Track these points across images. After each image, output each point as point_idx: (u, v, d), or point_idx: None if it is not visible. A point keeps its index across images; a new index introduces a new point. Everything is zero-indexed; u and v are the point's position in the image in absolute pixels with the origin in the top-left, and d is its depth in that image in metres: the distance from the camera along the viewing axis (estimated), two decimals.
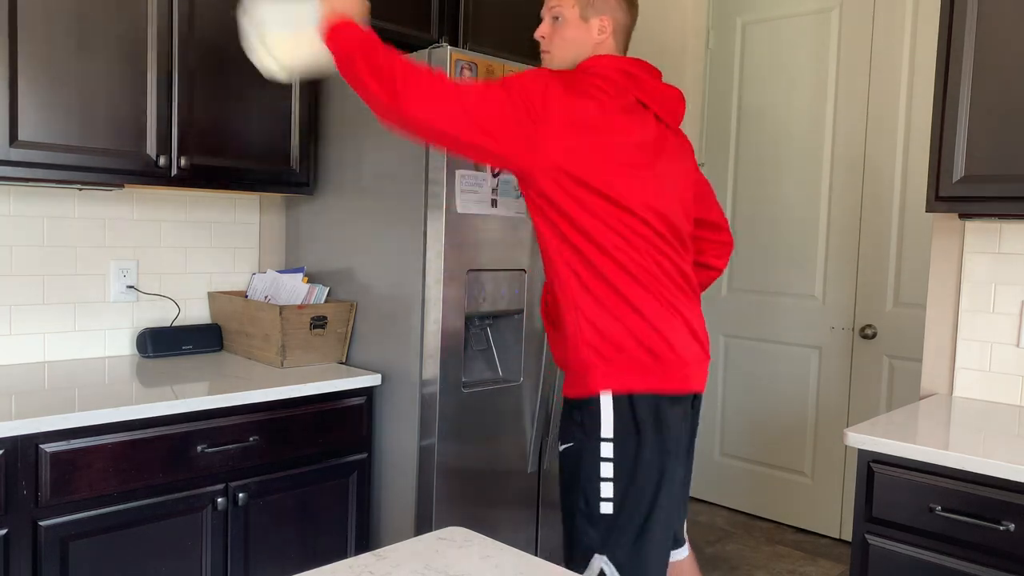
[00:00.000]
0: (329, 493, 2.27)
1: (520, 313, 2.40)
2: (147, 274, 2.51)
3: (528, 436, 2.44)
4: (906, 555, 1.81)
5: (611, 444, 1.67)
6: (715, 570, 3.20)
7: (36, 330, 2.31)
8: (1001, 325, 2.25)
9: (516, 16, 2.95)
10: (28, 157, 1.94)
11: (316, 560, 2.25)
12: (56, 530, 1.79)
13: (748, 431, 3.84)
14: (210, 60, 2.23)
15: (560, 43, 1.83)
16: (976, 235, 2.28)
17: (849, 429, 1.89)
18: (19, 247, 2.27)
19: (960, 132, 1.99)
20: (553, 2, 1.84)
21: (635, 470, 1.67)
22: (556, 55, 1.84)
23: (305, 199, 2.65)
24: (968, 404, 2.23)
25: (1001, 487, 1.68)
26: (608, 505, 1.68)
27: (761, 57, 3.72)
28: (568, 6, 1.81)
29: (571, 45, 1.82)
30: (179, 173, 2.20)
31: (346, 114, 2.46)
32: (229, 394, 2.03)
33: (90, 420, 1.81)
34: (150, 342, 2.42)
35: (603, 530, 1.69)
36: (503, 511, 2.40)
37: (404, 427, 2.30)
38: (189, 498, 1.99)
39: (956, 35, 1.99)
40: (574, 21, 1.81)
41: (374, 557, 1.16)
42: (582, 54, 1.82)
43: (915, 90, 3.30)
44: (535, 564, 1.16)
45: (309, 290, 2.49)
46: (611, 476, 1.67)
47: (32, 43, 1.93)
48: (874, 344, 3.43)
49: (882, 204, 3.40)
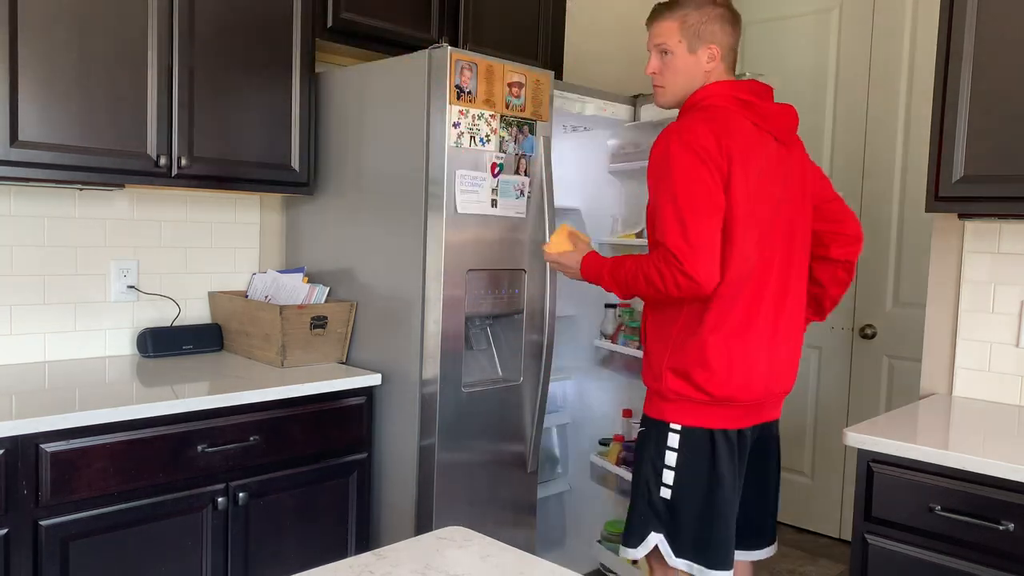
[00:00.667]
0: (329, 493, 2.28)
1: (520, 313, 2.40)
2: (147, 274, 2.52)
3: (528, 436, 2.44)
4: (906, 555, 1.81)
5: (678, 436, 1.87)
6: None
7: (36, 330, 2.32)
8: (1001, 325, 2.25)
9: (516, 16, 2.95)
10: (28, 157, 1.94)
11: (316, 560, 2.25)
12: (56, 530, 1.79)
13: None
14: (210, 60, 2.23)
15: (672, 77, 1.90)
16: (976, 235, 2.28)
17: (849, 429, 1.90)
18: (19, 247, 2.27)
19: (960, 132, 1.99)
20: (658, 38, 1.89)
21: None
22: (669, 89, 1.92)
23: (305, 199, 2.65)
24: (968, 404, 2.23)
25: (1001, 487, 1.68)
26: (667, 491, 1.87)
27: (761, 57, 3.72)
28: (675, 40, 1.87)
29: (682, 78, 1.89)
30: (179, 173, 2.20)
31: (346, 114, 2.47)
32: (229, 394, 2.03)
33: (90, 420, 1.81)
34: (150, 342, 2.42)
35: (663, 512, 1.88)
36: (503, 511, 2.40)
37: (404, 427, 2.31)
38: (189, 498, 1.99)
39: (956, 35, 1.99)
40: (682, 54, 1.87)
41: (374, 557, 1.17)
42: (694, 85, 1.89)
43: (915, 90, 3.30)
44: (535, 564, 1.16)
45: (309, 290, 2.49)
46: (673, 466, 1.87)
47: (32, 43, 1.93)
48: (874, 344, 3.43)
49: (882, 204, 3.40)
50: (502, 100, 2.26)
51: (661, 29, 1.89)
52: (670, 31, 1.87)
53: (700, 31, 1.85)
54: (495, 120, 2.25)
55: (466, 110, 2.18)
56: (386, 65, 2.34)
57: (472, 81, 2.18)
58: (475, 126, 2.20)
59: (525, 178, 2.33)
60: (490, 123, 2.24)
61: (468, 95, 2.18)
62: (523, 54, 2.95)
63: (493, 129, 2.25)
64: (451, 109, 2.15)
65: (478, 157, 2.22)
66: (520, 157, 2.31)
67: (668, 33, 1.87)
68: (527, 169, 2.34)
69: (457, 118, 2.16)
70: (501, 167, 2.28)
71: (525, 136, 2.32)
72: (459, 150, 2.18)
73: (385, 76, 2.33)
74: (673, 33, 1.87)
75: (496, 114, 2.25)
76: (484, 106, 2.22)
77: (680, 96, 1.91)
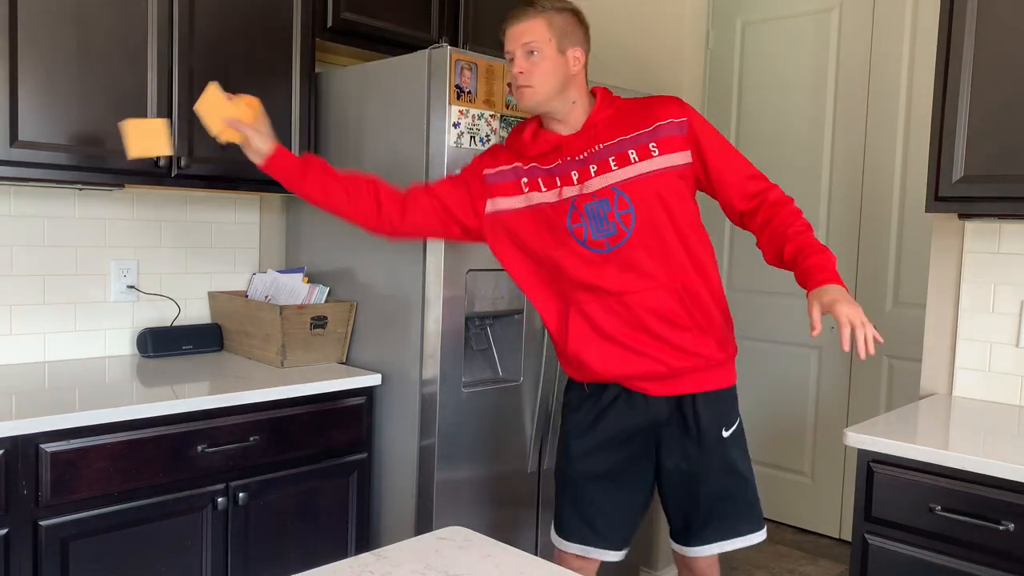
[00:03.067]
0: (329, 493, 2.28)
1: (520, 313, 2.40)
2: (147, 274, 2.52)
3: (528, 436, 2.44)
4: (906, 555, 1.81)
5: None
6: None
7: (36, 330, 2.32)
8: (1001, 325, 2.25)
9: None
10: (28, 157, 1.94)
11: (316, 560, 2.25)
12: (56, 530, 1.79)
13: (748, 431, 3.83)
14: (210, 60, 2.24)
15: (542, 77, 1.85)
16: (976, 235, 2.28)
17: (849, 429, 1.89)
18: (19, 247, 2.27)
19: (960, 132, 1.99)
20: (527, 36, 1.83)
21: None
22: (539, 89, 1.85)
23: None
24: (968, 404, 2.23)
25: (1001, 487, 1.68)
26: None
27: (761, 57, 3.72)
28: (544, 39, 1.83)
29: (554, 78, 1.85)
30: (179, 173, 2.20)
31: (346, 114, 2.47)
32: (229, 394, 2.03)
33: (90, 420, 1.81)
34: (150, 342, 2.42)
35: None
36: (503, 511, 2.40)
37: (404, 427, 2.31)
38: (189, 498, 1.99)
39: (956, 35, 1.99)
40: (552, 55, 1.83)
41: (374, 557, 1.17)
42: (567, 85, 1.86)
43: (915, 90, 3.30)
44: (535, 564, 1.16)
45: (309, 290, 2.49)
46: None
47: (32, 43, 1.93)
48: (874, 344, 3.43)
49: (882, 204, 3.41)
50: (502, 100, 2.26)
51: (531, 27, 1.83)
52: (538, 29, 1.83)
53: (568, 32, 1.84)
54: (495, 120, 2.25)
55: (466, 110, 2.18)
56: (386, 65, 2.34)
57: (472, 81, 2.18)
58: (475, 126, 2.20)
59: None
60: (490, 123, 2.24)
61: (468, 95, 2.18)
62: None
63: (493, 129, 2.25)
64: (451, 109, 2.15)
65: None
66: None
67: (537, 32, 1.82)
68: None
69: (457, 118, 2.16)
70: None
71: None
72: (459, 150, 2.18)
73: (385, 76, 2.33)
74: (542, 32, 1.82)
75: (496, 114, 2.25)
76: (484, 106, 2.22)
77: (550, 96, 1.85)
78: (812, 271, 1.67)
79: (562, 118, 1.86)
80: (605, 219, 1.80)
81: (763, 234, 1.82)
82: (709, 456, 1.88)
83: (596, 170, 1.81)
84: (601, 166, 1.81)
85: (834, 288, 1.63)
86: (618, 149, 1.81)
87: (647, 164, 1.80)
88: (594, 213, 1.80)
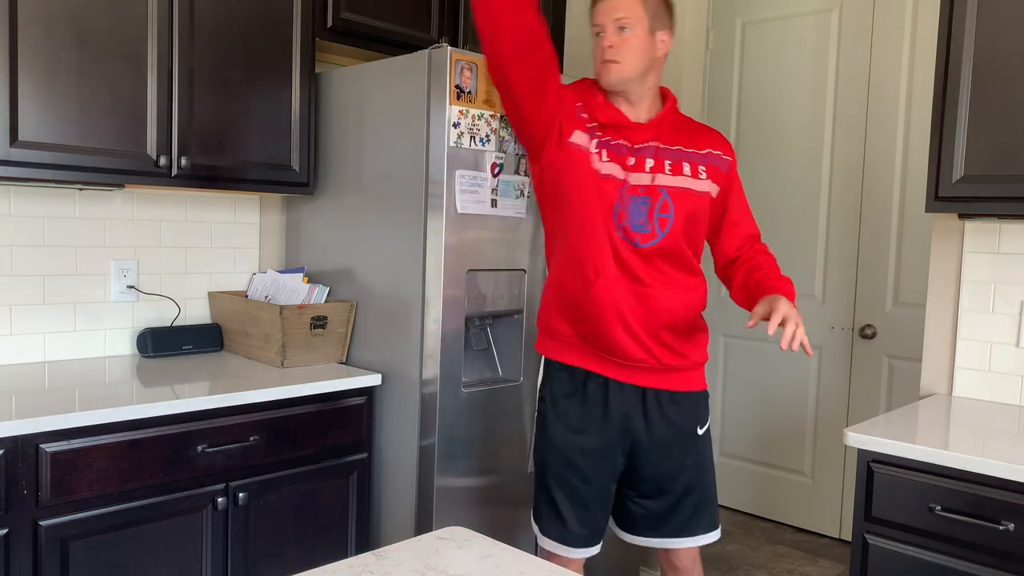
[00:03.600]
0: (329, 493, 2.28)
1: (520, 313, 2.40)
2: (147, 274, 2.52)
3: (528, 436, 2.44)
4: (906, 555, 1.81)
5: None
6: (715, 570, 3.20)
7: (36, 330, 2.32)
8: (1001, 325, 2.25)
9: None
10: (28, 157, 1.94)
11: (316, 560, 2.26)
12: (56, 530, 1.79)
13: (748, 431, 3.84)
14: (210, 60, 2.24)
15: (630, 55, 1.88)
16: (976, 235, 2.28)
17: (849, 429, 1.90)
18: (19, 247, 2.27)
19: (960, 132, 1.99)
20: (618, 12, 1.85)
21: None
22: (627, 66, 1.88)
23: (305, 199, 2.65)
24: (968, 404, 2.23)
25: (1001, 487, 1.68)
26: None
27: (761, 57, 3.72)
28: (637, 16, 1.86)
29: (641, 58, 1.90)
30: (179, 173, 2.20)
31: (346, 114, 2.47)
32: (229, 394, 2.03)
33: (90, 420, 1.81)
34: (150, 342, 2.42)
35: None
36: (503, 511, 2.40)
37: (404, 427, 2.31)
38: (189, 498, 1.99)
39: (956, 35, 1.99)
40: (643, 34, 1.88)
41: (374, 557, 1.17)
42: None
43: (915, 90, 3.30)
44: (535, 564, 1.16)
45: (309, 290, 2.49)
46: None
47: (32, 43, 1.93)
48: (874, 344, 3.43)
49: (882, 204, 3.40)
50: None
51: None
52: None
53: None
54: (495, 120, 2.25)
55: (466, 110, 2.18)
56: (386, 65, 2.34)
57: (472, 81, 2.18)
58: (475, 126, 2.20)
59: (525, 178, 2.33)
60: (490, 123, 2.24)
61: (468, 95, 2.18)
62: None
63: (493, 129, 2.25)
64: (451, 109, 2.15)
65: (478, 157, 2.22)
66: (520, 157, 2.32)
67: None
68: (527, 169, 2.34)
69: (457, 118, 2.16)
70: (501, 167, 2.28)
71: None
72: (459, 150, 2.18)
73: (385, 76, 2.33)
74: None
75: (496, 114, 2.25)
76: (484, 106, 2.22)
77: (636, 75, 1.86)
78: (769, 289, 1.84)
79: (634, 101, 1.88)
80: (645, 216, 1.85)
81: (743, 268, 1.96)
82: (685, 452, 1.94)
83: (651, 167, 1.86)
84: (657, 164, 1.86)
85: (780, 296, 1.75)
86: (675, 156, 1.88)
87: (694, 182, 1.89)
88: (636, 206, 1.85)
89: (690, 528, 1.98)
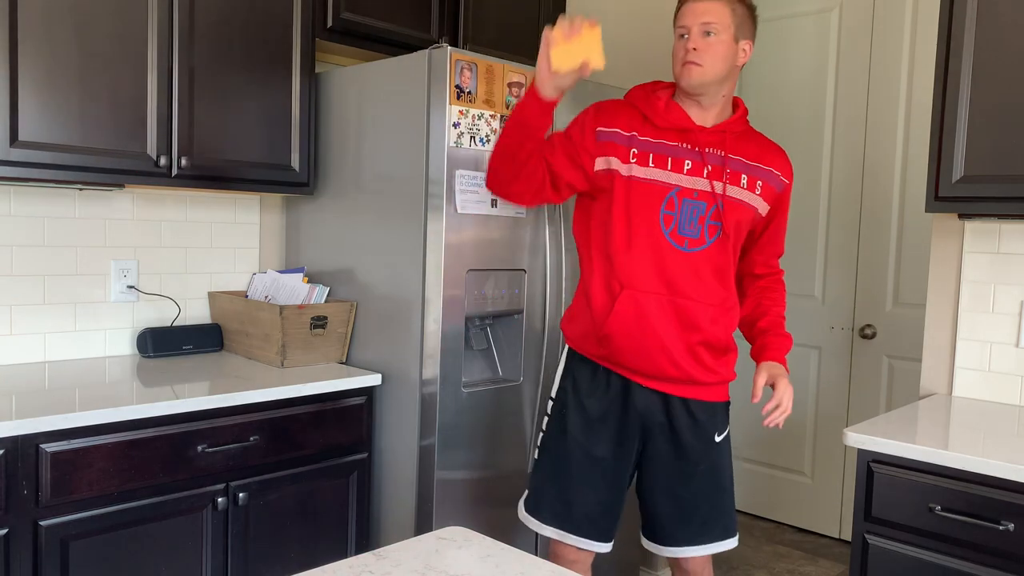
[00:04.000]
0: (329, 493, 2.28)
1: (520, 313, 2.40)
2: (147, 274, 2.52)
3: (528, 436, 2.44)
4: (906, 555, 1.81)
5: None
6: (715, 570, 3.20)
7: (36, 330, 2.32)
8: (1001, 325, 2.25)
9: (516, 16, 2.95)
10: (28, 157, 1.94)
11: (316, 560, 2.26)
12: (56, 530, 1.79)
13: (748, 431, 3.84)
14: (210, 60, 2.24)
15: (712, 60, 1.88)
16: (976, 235, 2.28)
17: (849, 429, 1.90)
18: (19, 247, 2.27)
19: (960, 132, 1.99)
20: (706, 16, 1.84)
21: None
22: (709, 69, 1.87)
23: (305, 199, 2.65)
24: (968, 404, 2.23)
25: (1001, 487, 1.68)
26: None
27: (761, 57, 3.72)
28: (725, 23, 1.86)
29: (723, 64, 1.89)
30: (179, 173, 2.20)
31: (346, 114, 2.47)
32: (229, 394, 2.03)
33: (90, 420, 1.81)
34: (150, 342, 2.42)
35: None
36: (503, 511, 2.40)
37: (404, 427, 2.31)
38: (189, 498, 1.99)
39: (956, 35, 1.99)
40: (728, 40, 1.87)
41: (374, 557, 1.17)
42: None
43: (915, 90, 3.30)
44: (535, 564, 1.16)
45: (309, 290, 2.49)
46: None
47: (32, 43, 1.93)
48: (874, 344, 3.43)
49: (882, 204, 3.41)
50: (502, 100, 2.26)
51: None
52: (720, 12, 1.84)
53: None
54: (495, 120, 2.25)
55: (466, 110, 2.18)
56: (386, 65, 2.34)
57: (472, 81, 2.18)
58: (475, 126, 2.20)
59: None
60: (490, 123, 2.24)
61: (468, 95, 2.18)
62: (523, 54, 2.95)
63: (493, 129, 2.25)
64: (451, 109, 2.15)
65: (478, 157, 2.22)
66: None
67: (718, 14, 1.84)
68: None
69: (457, 118, 2.16)
70: None
71: None
72: (459, 150, 2.18)
73: (385, 76, 2.33)
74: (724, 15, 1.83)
75: (496, 114, 2.25)
76: (484, 106, 2.22)
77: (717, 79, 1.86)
78: (771, 348, 1.96)
79: (706, 106, 1.88)
80: (696, 221, 1.85)
81: (757, 295, 2.04)
82: (700, 458, 1.92)
83: (709, 172, 1.85)
84: (715, 171, 1.86)
85: (781, 367, 1.93)
86: (736, 167, 1.88)
87: (748, 196, 1.89)
88: (688, 210, 1.85)
89: (701, 536, 1.95)
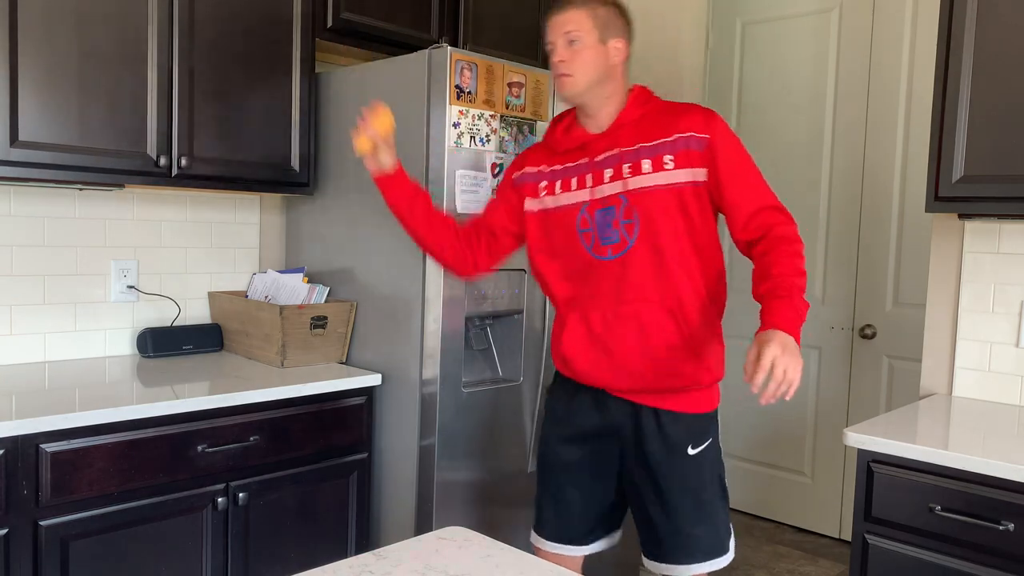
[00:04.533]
0: (329, 493, 2.28)
1: (520, 313, 2.40)
2: (147, 274, 2.52)
3: (528, 436, 2.44)
4: (906, 555, 1.81)
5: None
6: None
7: (36, 330, 2.32)
8: (1001, 325, 2.25)
9: (516, 16, 2.95)
10: (28, 157, 1.94)
11: (316, 560, 2.26)
12: (56, 530, 1.79)
13: (748, 431, 3.84)
14: (210, 60, 2.24)
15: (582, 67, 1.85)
16: (976, 235, 2.28)
17: (849, 429, 1.89)
18: (19, 247, 2.27)
19: (960, 132, 1.99)
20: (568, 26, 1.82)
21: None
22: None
23: (305, 199, 2.65)
24: (968, 404, 2.23)
25: (1001, 487, 1.68)
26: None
27: (761, 57, 3.72)
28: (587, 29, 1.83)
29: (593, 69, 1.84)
30: (179, 173, 2.20)
31: (346, 114, 2.47)
32: (229, 394, 2.03)
33: (90, 420, 1.81)
34: (150, 342, 2.42)
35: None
36: (503, 511, 2.40)
37: (404, 427, 2.31)
38: (189, 498, 1.99)
39: (956, 35, 1.99)
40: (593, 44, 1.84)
41: (374, 557, 1.17)
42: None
43: (915, 90, 3.30)
44: (535, 564, 1.16)
45: (309, 290, 2.49)
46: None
47: (32, 43, 1.93)
48: (873, 344, 3.43)
49: (882, 204, 3.40)
50: (502, 100, 2.26)
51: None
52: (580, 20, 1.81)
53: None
54: (495, 120, 2.25)
55: (466, 110, 2.18)
56: (386, 65, 2.34)
57: (472, 81, 2.18)
58: (475, 126, 2.21)
59: None
60: (490, 123, 2.24)
61: (468, 95, 2.18)
62: (523, 54, 2.95)
63: (493, 129, 2.25)
64: (451, 109, 2.15)
65: (478, 157, 2.22)
66: None
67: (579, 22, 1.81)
68: None
69: (457, 118, 2.16)
70: (501, 167, 2.28)
71: (525, 136, 2.32)
72: (459, 150, 2.18)
73: (385, 76, 2.33)
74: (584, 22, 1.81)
75: (496, 114, 2.25)
76: (484, 106, 2.22)
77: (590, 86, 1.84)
78: (765, 313, 1.65)
79: (592, 113, 1.85)
80: (611, 227, 1.79)
81: (758, 263, 1.76)
82: (670, 473, 1.83)
83: (610, 175, 1.80)
84: (616, 172, 1.79)
85: (778, 335, 1.57)
86: (634, 156, 1.78)
87: (659, 176, 1.75)
88: (602, 220, 1.80)
89: (686, 556, 1.85)
